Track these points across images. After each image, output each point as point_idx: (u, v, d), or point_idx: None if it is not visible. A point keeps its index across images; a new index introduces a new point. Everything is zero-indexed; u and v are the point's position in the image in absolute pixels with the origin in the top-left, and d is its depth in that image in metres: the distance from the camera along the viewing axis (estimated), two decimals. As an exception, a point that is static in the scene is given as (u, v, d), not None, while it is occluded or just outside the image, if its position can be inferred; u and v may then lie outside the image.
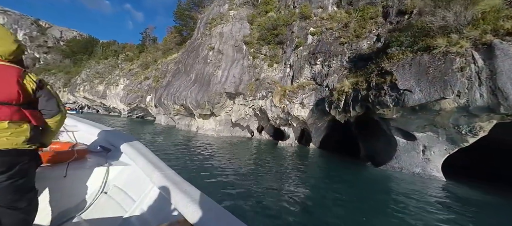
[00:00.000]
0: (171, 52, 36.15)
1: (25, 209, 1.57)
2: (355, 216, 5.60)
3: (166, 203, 1.87)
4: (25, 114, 1.53)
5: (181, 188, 1.86)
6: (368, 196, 7.40)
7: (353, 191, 8.06)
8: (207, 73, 18.86)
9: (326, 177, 10.31)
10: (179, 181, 2.01)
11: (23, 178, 1.53)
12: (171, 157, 10.66)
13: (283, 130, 19.01)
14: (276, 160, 12.40)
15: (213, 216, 1.55)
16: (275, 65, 18.68)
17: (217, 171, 8.62)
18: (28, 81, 1.54)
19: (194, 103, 18.16)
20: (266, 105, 17.65)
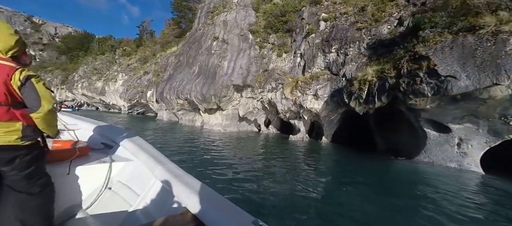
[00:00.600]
0: (170, 45, 34.31)
1: (40, 194, 1.73)
2: (386, 213, 5.03)
3: (169, 196, 1.86)
4: (15, 114, 1.57)
5: (183, 181, 1.84)
6: (398, 191, 6.73)
7: (380, 186, 7.20)
8: (212, 64, 17.31)
9: (348, 172, 9.22)
10: (181, 174, 1.99)
11: (28, 168, 1.67)
12: (180, 156, 9.39)
13: (293, 124, 17.68)
14: (291, 156, 11.23)
15: (215, 205, 1.55)
16: (284, 55, 17.17)
17: (230, 169, 7.64)
18: (15, 81, 1.54)
19: (199, 97, 16.68)
20: (276, 98, 16.25)
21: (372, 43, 13.40)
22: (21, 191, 1.66)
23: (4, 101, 1.50)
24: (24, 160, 1.64)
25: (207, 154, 10.28)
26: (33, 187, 1.70)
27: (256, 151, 12.07)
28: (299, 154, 12.06)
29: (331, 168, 9.93)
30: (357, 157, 12.51)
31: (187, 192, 1.68)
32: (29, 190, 1.68)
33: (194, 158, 9.31)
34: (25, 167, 1.65)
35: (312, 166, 9.29)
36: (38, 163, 1.78)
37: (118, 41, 56.68)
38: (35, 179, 1.72)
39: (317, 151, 13.90)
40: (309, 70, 15.68)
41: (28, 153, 1.66)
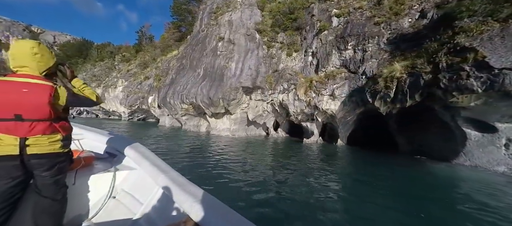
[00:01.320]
0: (170, 49, 32.88)
1: (61, 200, 1.84)
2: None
3: (172, 204, 1.85)
4: (56, 127, 1.72)
5: (186, 189, 1.83)
6: (439, 199, 5.83)
7: (417, 194, 6.29)
8: (218, 66, 15.93)
9: (376, 177, 8.06)
10: (184, 182, 1.97)
11: (60, 174, 1.83)
12: (190, 168, 8.22)
13: (305, 126, 16.32)
14: (309, 161, 10.07)
15: (217, 214, 1.53)
16: (294, 54, 15.87)
17: (247, 180, 6.76)
18: (58, 98, 1.69)
19: (205, 101, 15.27)
20: (288, 100, 14.91)
21: (393, 38, 12.15)
22: (46, 196, 1.77)
23: (48, 117, 1.65)
24: (61, 166, 1.80)
25: (219, 162, 9.05)
26: (57, 193, 1.81)
27: (271, 157, 10.75)
28: (317, 158, 10.77)
29: (356, 173, 8.77)
30: (381, 160, 11.22)
31: (190, 201, 1.65)
32: (54, 196, 1.79)
33: (206, 168, 8.09)
34: (59, 173, 1.80)
35: (335, 173, 8.24)
36: (66, 171, 1.91)
37: (117, 47, 55.06)
38: (60, 186, 1.84)
39: (335, 154, 12.58)
40: (323, 69, 14.38)
41: (65, 159, 1.84)
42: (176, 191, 1.84)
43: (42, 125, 1.63)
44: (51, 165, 1.72)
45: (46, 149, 1.67)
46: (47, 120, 1.64)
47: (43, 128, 1.63)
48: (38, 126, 1.62)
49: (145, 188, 2.22)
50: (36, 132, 1.61)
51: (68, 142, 1.85)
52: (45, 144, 1.65)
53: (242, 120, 16.64)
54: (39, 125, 1.62)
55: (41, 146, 1.65)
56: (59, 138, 1.73)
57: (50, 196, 1.76)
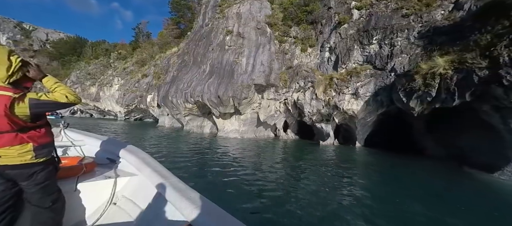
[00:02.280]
0: (169, 46, 30.82)
1: (51, 208, 1.76)
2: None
3: (172, 210, 1.79)
4: (24, 138, 1.59)
5: (186, 195, 1.76)
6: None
7: (462, 206, 5.28)
8: (227, 62, 14.20)
9: (414, 189, 6.81)
10: (184, 188, 1.88)
11: (43, 182, 1.71)
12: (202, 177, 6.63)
13: (319, 128, 14.80)
14: (334, 168, 8.66)
15: (217, 220, 1.49)
16: (309, 49, 14.33)
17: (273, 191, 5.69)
18: (18, 108, 1.52)
19: (213, 100, 13.53)
20: (303, 99, 13.35)
21: (425, 31, 10.75)
22: (35, 204, 1.72)
23: (9, 129, 1.54)
24: (41, 175, 1.69)
25: (233, 168, 7.80)
26: (45, 201, 1.74)
27: (290, 162, 9.38)
28: (339, 163, 9.40)
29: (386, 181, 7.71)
30: (409, 165, 9.83)
31: (190, 207, 1.61)
32: (41, 204, 1.73)
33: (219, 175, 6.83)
34: (41, 181, 1.70)
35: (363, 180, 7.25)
36: (52, 178, 1.81)
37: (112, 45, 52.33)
38: (47, 193, 1.75)
39: (357, 158, 11.14)
40: (343, 66, 12.88)
41: (43, 168, 1.71)
42: (177, 197, 1.77)
43: (7, 137, 1.56)
44: (27, 175, 1.66)
45: (17, 160, 1.60)
46: (11, 131, 1.56)
47: (9, 139, 1.56)
48: (2, 138, 1.55)
49: (146, 194, 2.13)
50: (3, 144, 1.56)
51: (44, 150, 1.72)
52: (15, 156, 1.59)
53: (251, 121, 14.98)
54: (4, 137, 1.55)
55: (11, 157, 1.59)
56: (29, 149, 1.63)
57: (38, 204, 1.74)
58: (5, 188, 1.62)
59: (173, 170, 2.35)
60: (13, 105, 1.50)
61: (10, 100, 1.48)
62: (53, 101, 1.67)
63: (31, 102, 1.56)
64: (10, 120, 1.51)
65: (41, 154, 1.68)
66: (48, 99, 1.66)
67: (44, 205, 1.73)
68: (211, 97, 13.57)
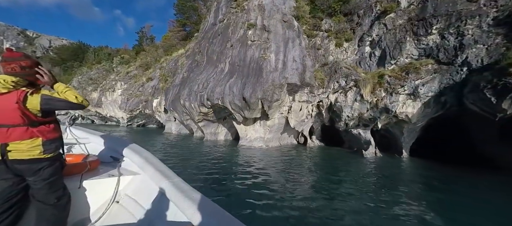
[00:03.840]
0: (175, 49, 28.22)
1: (56, 204, 1.70)
2: None
3: (174, 210, 1.72)
4: (34, 132, 1.58)
5: (189, 195, 1.69)
6: None
7: None
8: (252, 58, 11.62)
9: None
10: (187, 189, 1.81)
11: (49, 179, 1.66)
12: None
13: (356, 134, 12.23)
14: (402, 193, 6.20)
15: (219, 221, 1.44)
16: (345, 44, 11.87)
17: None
18: (31, 103, 1.54)
19: (237, 103, 10.88)
20: (344, 100, 10.81)
21: (504, 16, 8.34)
22: (40, 200, 1.67)
23: (22, 123, 1.53)
24: (48, 170, 1.65)
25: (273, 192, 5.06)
26: (50, 198, 1.68)
27: (343, 182, 6.80)
28: (408, 183, 6.78)
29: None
30: (494, 185, 7.28)
31: (193, 207, 1.55)
32: (46, 200, 1.67)
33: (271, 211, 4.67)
34: (47, 177, 1.65)
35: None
36: (58, 174, 1.76)
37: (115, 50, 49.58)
38: (53, 190, 1.70)
39: (417, 174, 8.56)
40: (392, 61, 10.41)
41: (50, 164, 1.67)
42: (179, 197, 1.70)
43: (18, 131, 1.54)
44: (34, 170, 1.61)
45: (26, 155, 1.56)
46: (22, 125, 1.54)
47: (20, 133, 1.54)
48: (14, 131, 1.53)
49: (148, 193, 2.05)
50: (14, 137, 1.53)
51: (52, 146, 1.69)
52: (24, 150, 1.55)
53: (278, 127, 12.35)
54: (16, 130, 1.53)
55: (21, 151, 1.55)
56: (38, 143, 1.59)
57: (43, 200, 1.67)
58: (12, 184, 1.60)
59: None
60: (26, 99, 1.52)
61: (24, 94, 1.51)
62: (64, 100, 1.63)
63: (43, 97, 1.57)
64: (23, 113, 1.51)
65: (49, 150, 1.65)
66: (59, 97, 1.63)
67: (49, 202, 1.68)
68: (234, 99, 10.91)
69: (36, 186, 1.63)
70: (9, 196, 1.57)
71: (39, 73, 1.62)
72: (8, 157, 1.52)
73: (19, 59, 1.55)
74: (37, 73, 1.62)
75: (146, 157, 2.42)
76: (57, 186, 1.72)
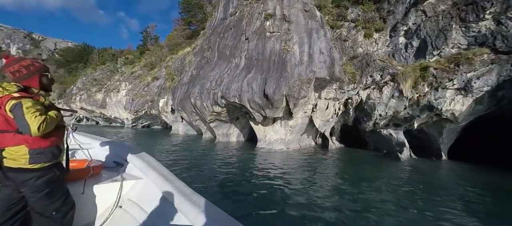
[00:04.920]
0: (181, 47, 26.79)
1: (53, 217, 1.58)
2: None
3: (177, 214, 1.69)
4: (20, 139, 1.46)
5: (191, 199, 1.65)
6: None
7: None
8: (272, 51, 10.13)
9: None
10: (189, 193, 1.76)
11: (43, 190, 1.52)
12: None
13: (386, 135, 10.75)
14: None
15: (221, 224, 1.39)
16: (375, 34, 10.37)
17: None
18: (7, 110, 1.44)
19: (257, 101, 9.39)
20: (379, 97, 9.31)
21: None
22: (36, 211, 1.57)
23: (6, 128, 1.45)
24: (38, 183, 1.51)
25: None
26: (46, 210, 1.57)
27: (385, 191, 5.86)
28: (462, 191, 5.47)
29: None
30: None
31: (195, 211, 1.51)
32: (43, 212, 1.57)
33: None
34: (39, 189, 1.52)
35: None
36: (52, 186, 1.59)
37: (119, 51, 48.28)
38: (49, 202, 1.57)
39: (474, 181, 7.01)
40: (434, 52, 8.92)
41: (41, 175, 1.52)
42: (182, 201, 1.66)
43: (8, 136, 1.46)
44: (22, 180, 1.46)
45: (15, 163, 1.46)
46: (9, 131, 1.45)
47: (8, 139, 1.45)
48: (5, 137, 1.46)
49: (151, 197, 2.02)
50: (5, 143, 1.46)
51: (41, 156, 1.51)
52: (13, 158, 1.45)
53: (301, 127, 10.86)
54: (6, 136, 1.46)
55: (11, 159, 1.46)
56: (24, 152, 1.46)
57: (40, 212, 1.56)
58: (11, 191, 1.51)
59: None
60: (6, 104, 1.43)
61: (7, 98, 1.43)
62: (25, 121, 1.40)
63: (13, 105, 1.43)
64: (4, 118, 1.45)
65: (37, 160, 1.49)
66: (24, 114, 1.41)
67: (45, 213, 1.56)
68: (253, 97, 9.43)
69: (30, 198, 1.52)
70: (10, 205, 1.48)
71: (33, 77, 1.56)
72: (3, 163, 1.46)
73: (11, 64, 1.51)
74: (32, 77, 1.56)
75: (148, 161, 2.38)
76: (53, 198, 1.58)
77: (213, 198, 4.88)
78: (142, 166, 2.33)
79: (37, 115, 1.43)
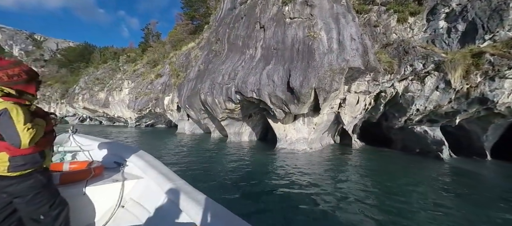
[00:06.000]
0: (184, 43, 25.30)
1: (43, 221, 1.56)
2: None
3: (179, 212, 1.67)
4: (1, 146, 1.40)
5: (192, 197, 1.64)
6: None
7: None
8: (295, 39, 8.72)
9: None
10: (190, 191, 1.76)
11: (26, 195, 1.49)
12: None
13: (420, 132, 9.42)
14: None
15: (223, 221, 1.37)
16: (410, 19, 8.94)
17: None
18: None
19: (280, 95, 8.01)
20: (420, 89, 7.94)
21: None
22: (26, 216, 1.55)
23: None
24: (20, 188, 1.46)
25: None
26: (34, 214, 1.54)
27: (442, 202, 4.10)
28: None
29: None
30: None
31: (196, 208, 1.49)
32: (33, 216, 1.55)
33: None
34: (23, 194, 1.48)
35: None
36: (36, 190, 1.53)
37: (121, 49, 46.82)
38: (34, 207, 1.53)
39: None
40: (486, 36, 7.53)
41: (21, 181, 1.47)
42: (183, 199, 1.65)
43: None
44: (2, 187, 1.42)
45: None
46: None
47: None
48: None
49: (153, 196, 2.00)
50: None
51: (21, 163, 1.44)
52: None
53: (325, 125, 9.52)
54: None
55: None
56: (4, 159, 1.40)
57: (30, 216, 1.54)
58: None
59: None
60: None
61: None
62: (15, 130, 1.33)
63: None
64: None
65: (17, 167, 1.43)
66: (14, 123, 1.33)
67: (34, 217, 1.54)
68: (275, 91, 8.05)
69: (15, 203, 1.47)
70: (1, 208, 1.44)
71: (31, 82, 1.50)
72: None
73: (6, 68, 1.41)
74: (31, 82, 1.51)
75: (148, 161, 2.36)
76: (39, 203, 1.53)
77: (244, 215, 3.59)
78: (142, 165, 2.31)
79: (29, 128, 1.39)
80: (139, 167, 2.36)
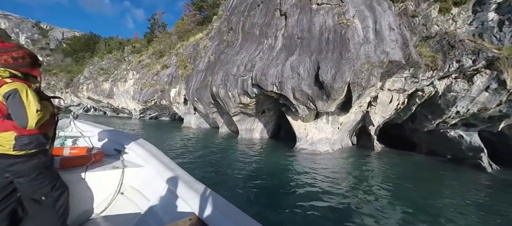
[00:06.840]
0: (192, 34, 24.17)
1: (44, 202, 1.54)
2: None
3: (178, 201, 1.65)
4: (8, 125, 1.40)
5: (192, 187, 1.61)
6: None
7: None
8: (323, 27, 7.62)
9: None
10: (190, 180, 1.72)
11: (29, 175, 1.48)
12: None
13: (454, 137, 8.38)
14: None
15: (223, 211, 1.35)
16: (454, 9, 7.81)
17: None
18: (1, 94, 1.35)
19: (305, 90, 6.98)
20: (466, 89, 6.87)
21: None
22: (27, 197, 1.52)
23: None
24: (24, 167, 1.45)
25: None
26: (36, 194, 1.53)
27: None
28: None
29: None
30: None
31: (196, 198, 1.47)
32: (33, 196, 1.53)
33: None
34: (26, 174, 1.47)
35: None
36: (38, 171, 1.52)
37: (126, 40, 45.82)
38: (36, 187, 1.51)
39: None
40: (550, 29, 6.40)
41: (26, 161, 1.46)
42: (183, 188, 1.62)
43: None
44: (6, 166, 1.41)
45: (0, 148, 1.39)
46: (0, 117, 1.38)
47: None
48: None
49: (152, 185, 1.98)
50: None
51: (27, 142, 1.43)
52: (1, 143, 1.38)
53: (351, 125, 8.52)
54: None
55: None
56: (11, 138, 1.38)
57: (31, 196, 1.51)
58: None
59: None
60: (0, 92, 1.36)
61: (0, 84, 1.36)
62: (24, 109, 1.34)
63: (7, 92, 1.34)
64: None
65: (23, 146, 1.42)
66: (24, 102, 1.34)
67: (35, 197, 1.52)
68: (301, 84, 7.01)
69: (17, 183, 1.45)
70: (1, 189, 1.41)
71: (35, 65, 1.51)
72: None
73: (11, 50, 1.41)
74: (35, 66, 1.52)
75: (149, 150, 2.32)
76: (41, 183, 1.53)
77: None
78: (143, 153, 2.28)
79: (38, 110, 1.39)
80: (139, 155, 2.31)
